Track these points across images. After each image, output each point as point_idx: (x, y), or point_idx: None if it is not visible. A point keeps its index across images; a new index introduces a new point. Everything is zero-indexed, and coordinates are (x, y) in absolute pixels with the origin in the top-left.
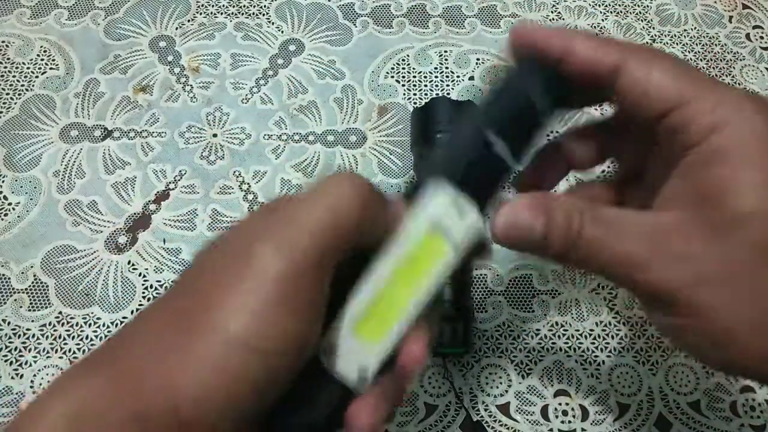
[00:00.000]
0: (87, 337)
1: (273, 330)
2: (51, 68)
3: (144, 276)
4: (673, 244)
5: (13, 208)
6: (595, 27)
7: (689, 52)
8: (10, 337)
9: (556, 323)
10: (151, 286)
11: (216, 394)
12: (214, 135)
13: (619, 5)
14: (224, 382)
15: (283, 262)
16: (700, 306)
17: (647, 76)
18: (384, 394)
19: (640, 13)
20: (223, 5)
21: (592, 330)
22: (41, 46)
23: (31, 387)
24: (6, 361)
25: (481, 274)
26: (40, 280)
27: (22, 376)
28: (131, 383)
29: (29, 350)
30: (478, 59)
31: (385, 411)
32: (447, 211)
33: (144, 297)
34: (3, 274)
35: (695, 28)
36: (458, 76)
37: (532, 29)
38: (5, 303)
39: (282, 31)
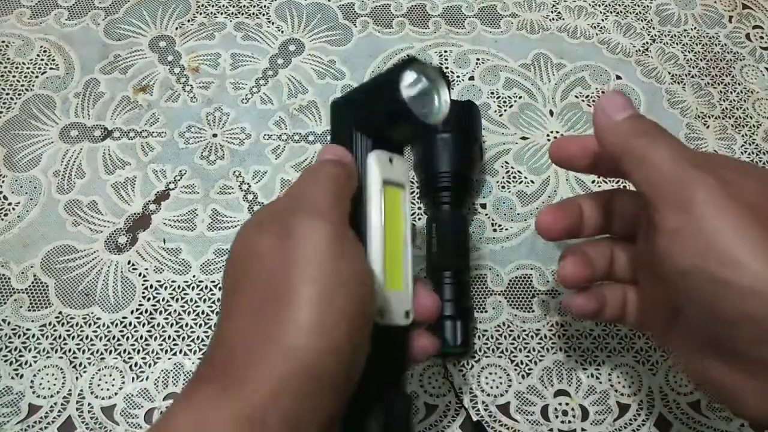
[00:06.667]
0: (87, 337)
1: (345, 274)
2: (51, 68)
3: (144, 276)
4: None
5: (13, 208)
6: (595, 27)
7: (689, 52)
8: (10, 337)
9: (556, 323)
10: (151, 286)
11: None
12: (214, 135)
13: (619, 5)
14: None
15: (325, 225)
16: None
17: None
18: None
19: (640, 13)
20: (223, 5)
21: (592, 330)
22: (41, 46)
23: (31, 387)
24: (6, 361)
25: (481, 274)
26: (40, 280)
27: (22, 376)
28: (236, 386)
29: (29, 350)
30: (478, 59)
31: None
32: (387, 168)
33: (144, 297)
34: (3, 274)
35: (695, 28)
36: (458, 76)
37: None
38: (5, 303)
39: (282, 31)
